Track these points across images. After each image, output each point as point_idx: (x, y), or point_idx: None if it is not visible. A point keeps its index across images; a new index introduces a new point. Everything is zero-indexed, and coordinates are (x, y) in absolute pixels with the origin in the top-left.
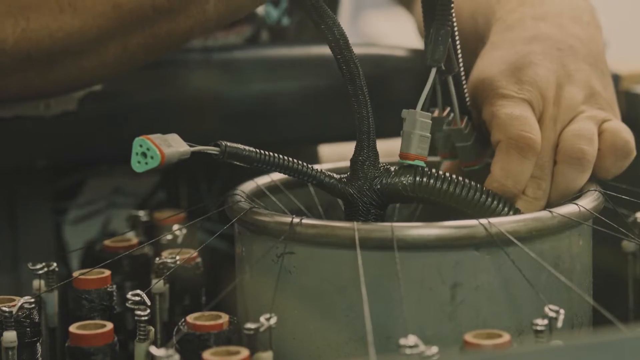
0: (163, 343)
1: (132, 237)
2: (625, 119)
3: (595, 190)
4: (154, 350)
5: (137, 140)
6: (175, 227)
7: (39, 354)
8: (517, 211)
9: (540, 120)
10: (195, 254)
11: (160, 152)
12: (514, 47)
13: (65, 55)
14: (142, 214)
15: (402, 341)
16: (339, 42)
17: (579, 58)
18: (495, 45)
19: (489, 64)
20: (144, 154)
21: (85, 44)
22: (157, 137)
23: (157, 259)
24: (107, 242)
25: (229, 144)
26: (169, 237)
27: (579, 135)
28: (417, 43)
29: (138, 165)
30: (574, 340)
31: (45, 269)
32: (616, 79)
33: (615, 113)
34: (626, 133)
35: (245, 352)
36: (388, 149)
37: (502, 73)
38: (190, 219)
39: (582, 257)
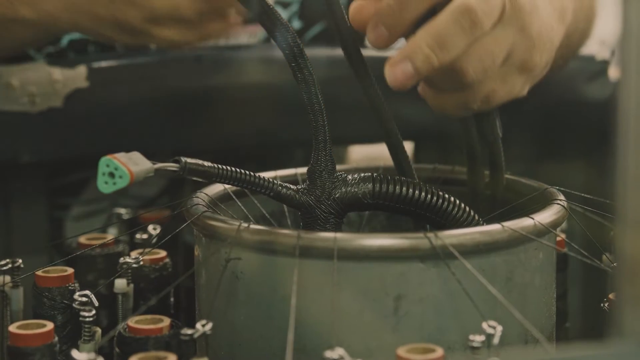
0: None
1: (109, 235)
2: None
3: (558, 203)
4: (75, 354)
5: (104, 160)
6: (150, 226)
7: None
8: (479, 218)
9: None
10: (164, 254)
11: (129, 171)
12: None
13: None
14: (123, 211)
15: (328, 354)
16: (293, 50)
17: None
18: None
19: None
20: (112, 174)
21: None
22: (122, 156)
23: (122, 258)
24: (81, 239)
25: (188, 160)
26: (144, 235)
27: None
28: None
29: (105, 186)
30: (508, 357)
31: (10, 265)
32: None
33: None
34: None
35: (172, 358)
36: (367, 153)
37: None
38: (172, 217)
39: (542, 271)
